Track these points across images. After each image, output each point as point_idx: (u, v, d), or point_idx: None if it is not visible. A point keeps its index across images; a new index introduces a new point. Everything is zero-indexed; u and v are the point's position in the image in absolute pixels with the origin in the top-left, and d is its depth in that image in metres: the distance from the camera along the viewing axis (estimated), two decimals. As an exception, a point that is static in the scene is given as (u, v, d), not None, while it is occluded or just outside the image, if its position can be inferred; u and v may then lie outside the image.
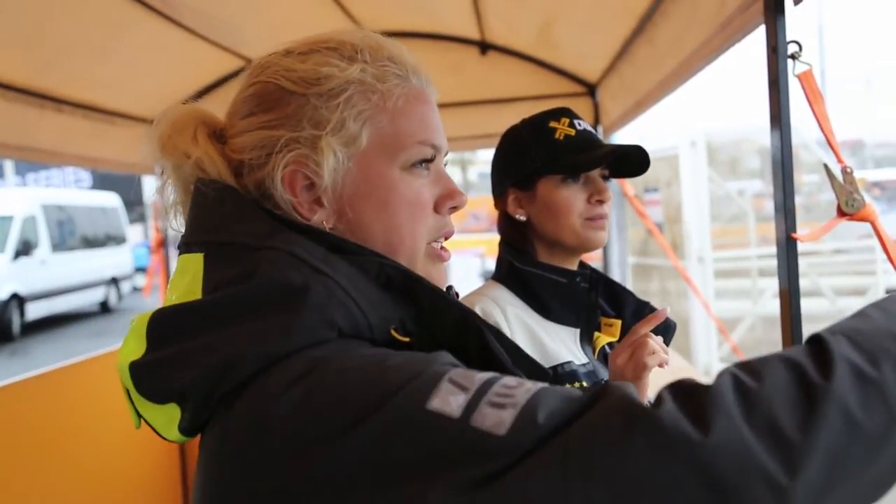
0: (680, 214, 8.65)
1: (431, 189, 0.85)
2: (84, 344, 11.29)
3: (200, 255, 0.77)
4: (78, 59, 2.83)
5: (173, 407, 0.72)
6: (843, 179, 1.59)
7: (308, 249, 0.74)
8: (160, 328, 0.74)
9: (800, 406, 0.56)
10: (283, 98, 0.82)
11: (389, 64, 0.83)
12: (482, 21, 3.25)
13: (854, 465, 0.56)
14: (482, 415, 0.59)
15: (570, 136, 1.46)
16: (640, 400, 0.58)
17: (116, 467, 3.31)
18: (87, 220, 15.69)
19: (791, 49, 1.56)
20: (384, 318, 0.75)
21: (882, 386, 0.57)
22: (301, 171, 0.80)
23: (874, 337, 0.60)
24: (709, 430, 0.54)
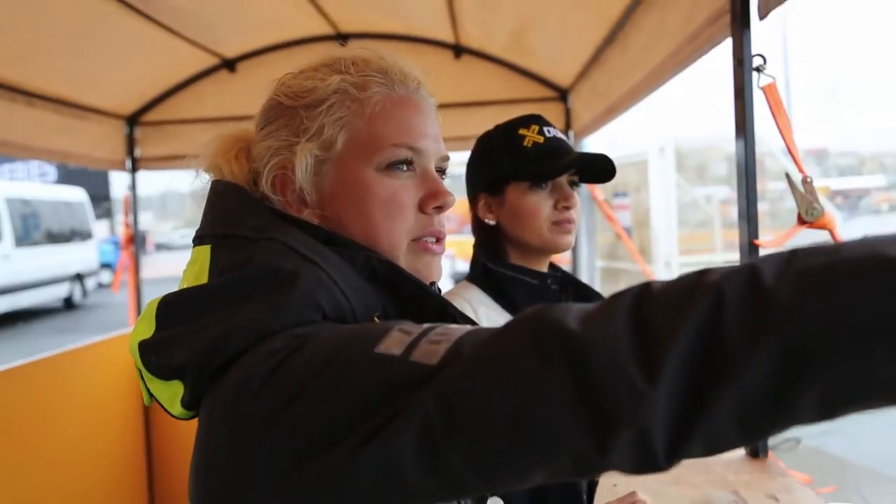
0: (648, 219, 8.76)
1: (414, 189, 0.89)
2: (47, 340, 11.12)
3: (209, 247, 0.84)
4: (51, 53, 2.81)
5: (177, 384, 0.79)
6: (804, 189, 1.64)
7: (301, 241, 0.80)
8: (167, 310, 0.80)
9: (676, 306, 0.55)
10: (280, 111, 0.90)
11: (373, 74, 0.88)
12: (457, 25, 3.28)
13: (714, 380, 0.53)
14: (420, 350, 0.64)
15: (539, 143, 1.50)
16: (547, 314, 0.60)
17: (84, 459, 3.29)
18: (51, 214, 15.42)
19: (756, 62, 1.62)
20: (367, 305, 0.81)
21: (770, 297, 0.52)
22: (286, 174, 0.88)
23: (807, 259, 0.54)
24: (590, 327, 0.57)
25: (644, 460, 0.55)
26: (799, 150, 1.69)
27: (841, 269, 0.51)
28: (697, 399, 0.53)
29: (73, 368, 3.32)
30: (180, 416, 0.83)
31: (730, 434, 0.54)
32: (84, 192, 16.94)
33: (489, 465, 0.60)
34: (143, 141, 3.78)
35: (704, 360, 0.53)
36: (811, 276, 0.52)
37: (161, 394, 0.81)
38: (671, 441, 0.54)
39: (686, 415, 0.53)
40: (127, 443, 3.70)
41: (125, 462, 3.67)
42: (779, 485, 1.63)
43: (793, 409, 0.52)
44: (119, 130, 3.69)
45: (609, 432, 0.54)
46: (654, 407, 0.53)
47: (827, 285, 0.51)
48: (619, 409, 0.54)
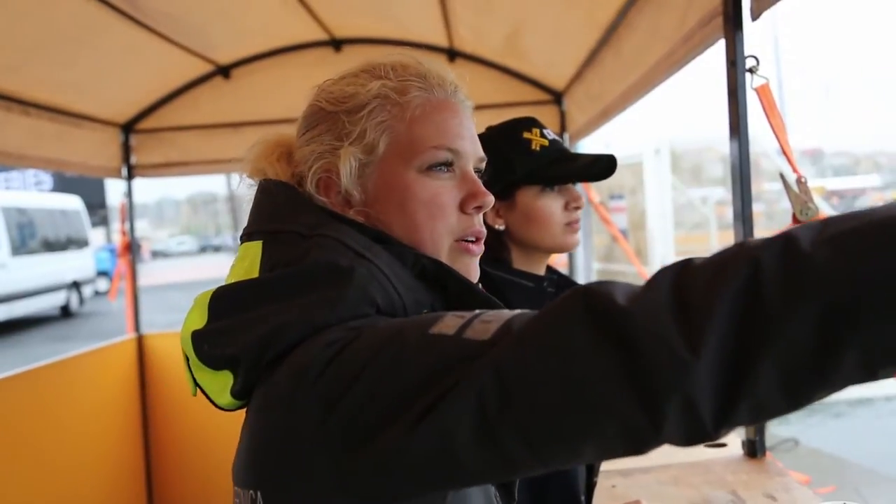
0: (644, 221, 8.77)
1: (455, 191, 0.92)
2: (44, 349, 11.10)
3: (259, 243, 0.87)
4: (46, 61, 2.81)
5: (226, 374, 0.81)
6: (798, 189, 1.65)
7: (354, 238, 0.84)
8: (220, 302, 0.82)
9: (715, 276, 0.57)
10: (322, 117, 0.92)
11: (412, 79, 0.91)
12: (451, 29, 3.29)
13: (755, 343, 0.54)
14: (473, 329, 0.67)
15: (545, 146, 1.51)
16: (596, 290, 0.62)
17: (83, 465, 3.29)
18: (48, 223, 15.40)
19: (749, 63, 1.62)
20: (417, 301, 0.84)
21: (806, 262, 0.54)
22: (330, 177, 0.90)
23: (841, 224, 0.55)
24: (636, 301, 0.59)
25: (693, 429, 0.56)
26: (793, 150, 1.70)
27: (873, 232, 0.53)
28: (741, 365, 0.54)
29: (70, 376, 3.32)
30: (227, 406, 0.85)
31: (775, 399, 0.55)
32: (80, 200, 16.91)
33: (541, 436, 0.61)
34: (138, 148, 3.79)
35: (745, 327, 0.54)
36: (846, 239, 0.53)
37: (209, 384, 0.84)
38: (718, 408, 0.55)
39: (731, 381, 0.55)
40: (125, 449, 3.69)
41: (124, 468, 3.67)
42: (777, 484, 1.63)
43: (835, 371, 0.53)
44: (115, 138, 3.69)
45: (656, 401, 0.56)
46: (699, 375, 0.54)
47: (861, 247, 0.53)
48: (664, 378, 0.56)
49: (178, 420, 3.79)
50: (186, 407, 3.70)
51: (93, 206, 21.84)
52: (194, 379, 0.86)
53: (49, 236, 15.33)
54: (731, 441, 1.87)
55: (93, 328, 13.96)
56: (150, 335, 3.88)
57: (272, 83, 3.58)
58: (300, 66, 3.54)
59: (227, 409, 0.86)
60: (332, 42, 3.52)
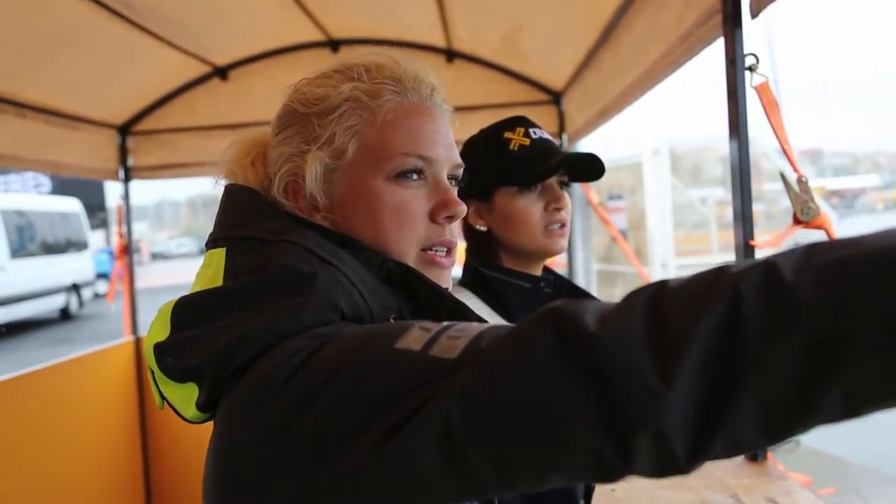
0: (643, 221, 8.76)
1: (425, 199, 0.89)
2: (44, 351, 11.08)
3: (223, 249, 0.84)
4: (41, 63, 2.80)
5: (191, 386, 0.78)
6: (799, 188, 1.63)
7: (317, 243, 0.81)
8: (183, 312, 0.80)
9: (692, 305, 0.54)
10: (293, 118, 0.90)
11: (386, 81, 0.88)
12: (449, 30, 3.27)
13: (730, 376, 0.52)
14: (440, 345, 0.64)
15: (525, 145, 1.47)
16: (566, 312, 0.59)
17: (82, 468, 3.27)
18: (47, 225, 15.39)
19: (748, 61, 1.61)
20: (384, 306, 0.81)
21: (789, 294, 0.51)
22: (297, 181, 0.88)
23: (827, 253, 0.52)
24: (607, 326, 0.56)
25: (665, 463, 0.54)
26: (793, 150, 1.68)
27: (862, 263, 0.49)
28: (716, 401, 0.52)
29: (70, 378, 3.31)
30: (193, 419, 0.82)
31: (752, 435, 0.53)
32: (79, 202, 16.91)
33: (508, 462, 0.59)
34: (135, 150, 3.77)
35: (722, 361, 0.51)
36: (831, 270, 0.50)
37: (175, 396, 0.82)
38: (692, 444, 0.53)
39: (706, 416, 0.52)
40: (124, 451, 3.68)
41: (122, 471, 3.65)
42: (778, 488, 1.61)
43: (817, 409, 0.51)
44: (111, 140, 3.68)
45: (626, 434, 0.53)
46: (671, 408, 0.52)
47: (848, 279, 0.49)
48: (635, 409, 0.53)
49: (176, 422, 3.74)
50: (184, 410, 3.67)
51: (92, 209, 21.84)
52: (160, 392, 0.83)
53: (48, 239, 15.32)
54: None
55: (93, 331, 13.94)
56: (148, 338, 3.86)
57: (270, 84, 3.55)
58: (298, 67, 3.51)
59: (193, 422, 0.83)
60: (330, 43, 3.51)
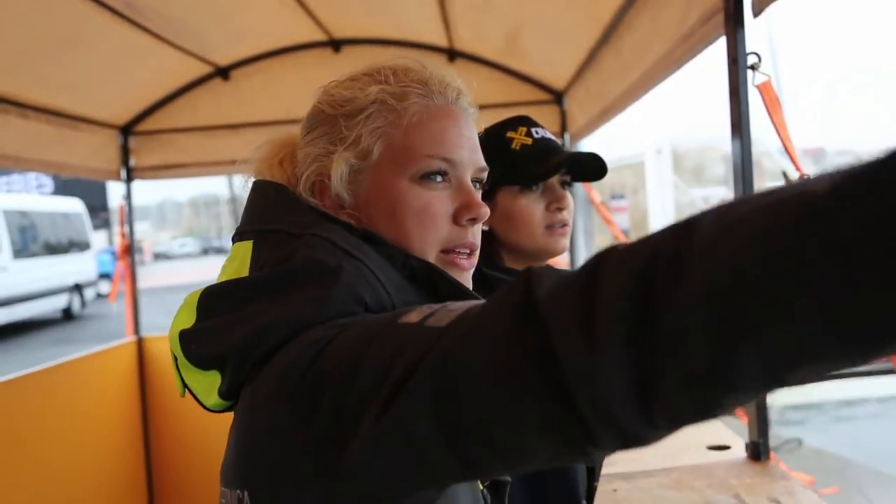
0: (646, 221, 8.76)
1: (449, 201, 0.90)
2: (46, 352, 11.10)
3: (250, 242, 0.87)
4: (42, 63, 2.80)
5: (214, 374, 0.81)
6: (801, 187, 1.63)
7: (343, 237, 0.83)
8: (209, 301, 0.83)
9: (617, 269, 0.53)
10: (321, 119, 0.92)
11: (413, 84, 0.90)
12: (450, 29, 3.27)
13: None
14: (436, 317, 0.66)
15: (527, 145, 1.47)
16: (531, 279, 0.59)
17: (85, 468, 3.27)
18: (49, 225, 15.40)
19: (751, 60, 1.60)
20: (406, 301, 0.82)
21: (695, 250, 0.49)
22: (323, 181, 0.90)
23: (744, 204, 0.49)
24: (552, 294, 0.57)
25: (615, 432, 0.53)
26: (796, 149, 1.68)
27: (762, 214, 0.46)
28: (641, 365, 0.50)
29: (72, 379, 3.31)
30: (214, 406, 0.85)
31: (684, 402, 0.50)
32: (81, 202, 16.92)
33: (484, 429, 0.59)
34: (137, 150, 3.77)
35: (640, 321, 0.49)
36: (735, 222, 0.47)
37: (197, 384, 0.84)
38: (631, 410, 0.51)
39: (636, 381, 0.50)
40: (127, 452, 3.68)
41: (125, 471, 3.65)
42: (781, 488, 1.61)
43: (735, 375, 0.47)
44: (113, 140, 3.68)
45: (569, 399, 0.53)
46: (600, 374, 0.51)
47: (744, 232, 0.46)
48: (569, 376, 0.52)
49: (179, 423, 3.78)
50: (187, 409, 3.66)
51: (94, 209, 21.88)
52: (182, 380, 0.86)
53: (51, 239, 15.34)
54: (734, 444, 1.85)
55: (95, 331, 13.96)
56: (150, 338, 3.87)
57: (271, 84, 3.57)
58: (299, 66, 3.53)
59: (214, 410, 0.86)
60: (331, 42, 3.51)
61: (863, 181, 0.42)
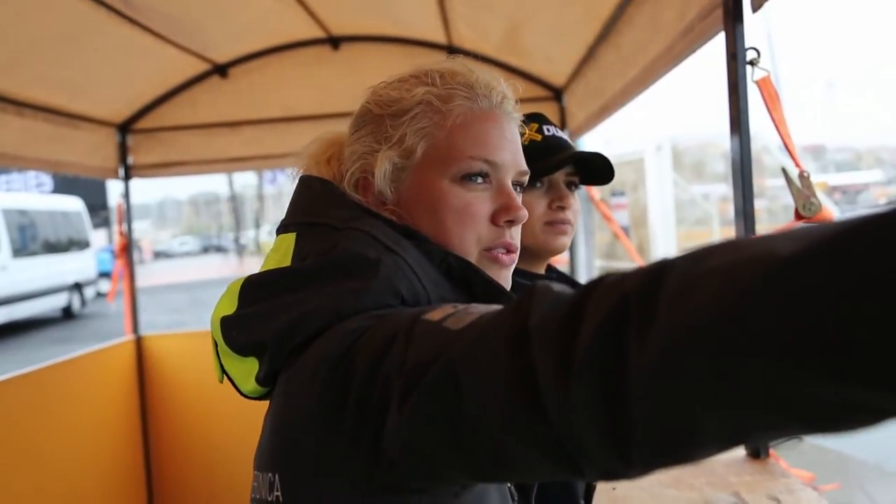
0: (646, 218, 8.75)
1: (489, 202, 0.92)
2: (46, 351, 11.10)
3: (293, 234, 0.90)
4: (40, 61, 2.79)
5: (252, 360, 0.84)
6: (801, 183, 1.62)
7: (383, 232, 0.86)
8: (251, 289, 0.86)
9: (596, 308, 0.52)
10: (369, 119, 0.95)
11: (458, 87, 0.92)
12: (449, 26, 3.26)
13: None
14: (455, 318, 0.68)
15: (536, 141, 1.47)
16: (534, 300, 0.59)
17: (84, 467, 3.27)
18: (49, 224, 15.39)
19: (750, 55, 1.60)
20: (442, 297, 0.85)
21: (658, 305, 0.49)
22: (367, 178, 0.93)
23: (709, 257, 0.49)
24: (543, 319, 0.57)
25: (594, 466, 0.54)
26: (796, 145, 1.67)
27: (732, 270, 0.45)
28: (611, 409, 0.49)
29: (68, 378, 3.30)
30: (251, 393, 0.88)
31: (651, 450, 0.50)
32: (81, 201, 16.91)
33: (483, 433, 0.60)
34: (135, 149, 3.77)
35: (611, 368, 0.49)
36: (703, 272, 0.46)
37: (235, 370, 0.87)
38: (603, 449, 0.52)
39: (607, 424, 0.50)
40: (126, 450, 3.68)
41: (124, 470, 3.65)
42: (781, 486, 1.60)
43: (696, 431, 0.47)
44: (111, 138, 3.67)
45: (551, 428, 0.54)
46: (575, 410, 0.51)
47: (707, 287, 0.45)
48: (550, 406, 0.53)
49: (178, 421, 3.77)
50: (186, 408, 3.68)
51: (94, 208, 21.87)
52: (222, 366, 0.89)
53: (50, 238, 15.33)
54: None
55: (95, 330, 13.96)
56: (149, 336, 3.86)
57: (270, 82, 3.56)
58: (298, 64, 3.52)
59: (250, 396, 0.89)
60: (330, 40, 3.50)
61: (825, 253, 0.40)
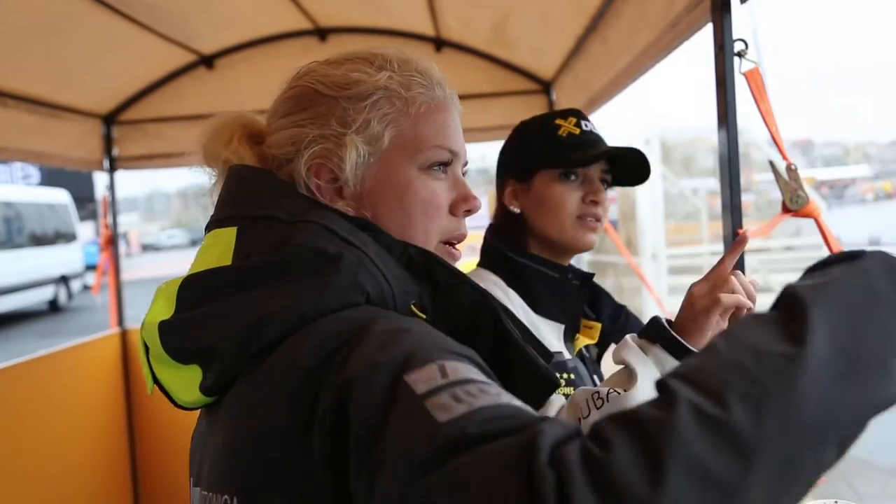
0: (634, 212, 8.76)
1: (448, 192, 0.91)
2: (32, 344, 11.02)
3: (233, 229, 0.83)
4: (22, 51, 2.76)
5: (194, 368, 0.77)
6: (788, 176, 1.62)
7: (340, 225, 0.80)
8: (192, 290, 0.79)
9: (641, 463, 0.48)
10: (316, 100, 0.89)
11: (416, 75, 0.90)
12: (437, 18, 3.24)
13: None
14: (439, 400, 0.59)
15: (574, 134, 1.47)
16: (547, 442, 0.52)
17: (68, 460, 3.25)
18: (35, 217, 15.29)
19: (737, 47, 1.59)
20: (406, 291, 0.81)
21: (729, 425, 0.49)
22: (326, 164, 0.87)
23: (718, 372, 0.53)
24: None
25: None
26: (784, 140, 1.66)
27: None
28: None
29: (56, 371, 3.28)
30: (191, 403, 0.80)
31: None
32: (67, 193, 16.80)
33: None
34: (120, 140, 3.73)
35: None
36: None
37: (173, 379, 0.80)
38: None
39: None
40: (110, 444, 3.65)
41: (109, 462, 3.63)
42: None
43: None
44: (96, 130, 3.64)
45: None
46: None
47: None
48: None
49: (163, 415, 3.74)
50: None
51: (81, 200, 21.73)
52: (154, 375, 0.81)
53: (36, 230, 15.23)
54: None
55: (81, 323, 13.88)
56: (135, 330, 3.83)
57: (257, 73, 3.53)
58: (285, 55, 3.48)
59: (189, 407, 0.81)
60: (317, 31, 3.47)
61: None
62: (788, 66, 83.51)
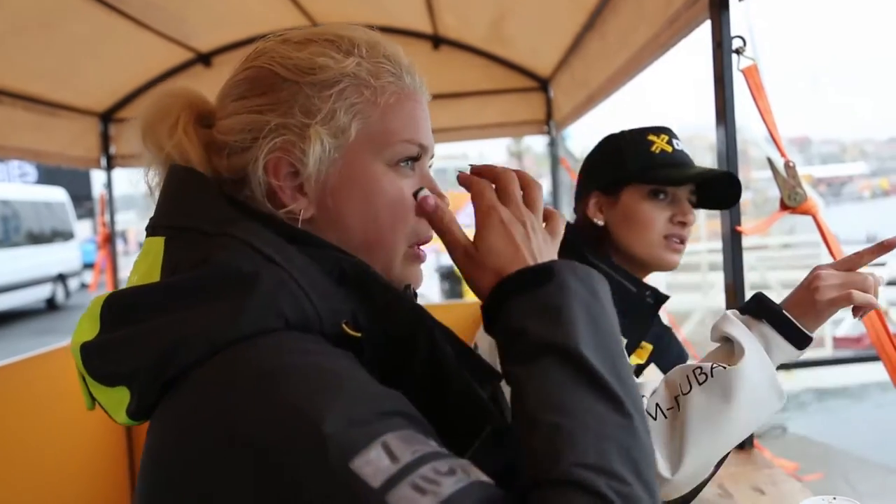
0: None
1: (413, 189, 0.83)
2: (29, 342, 11.01)
3: (162, 239, 0.77)
4: (19, 49, 2.75)
5: (122, 390, 0.71)
6: (786, 173, 1.62)
7: (263, 239, 0.74)
8: (114, 310, 0.73)
9: None
10: (276, 84, 0.80)
11: (385, 61, 0.82)
12: (435, 16, 3.24)
13: None
14: (400, 494, 0.56)
15: (667, 152, 1.46)
16: None
17: (65, 459, 3.24)
18: (32, 215, 15.27)
19: (735, 44, 1.59)
20: (335, 310, 0.74)
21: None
22: (286, 157, 0.79)
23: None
24: None
25: None
26: (781, 136, 1.66)
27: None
28: None
29: (49, 370, 3.27)
30: (125, 423, 0.76)
31: None
32: (65, 192, 16.78)
33: None
34: (118, 138, 3.72)
35: None
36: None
37: (105, 399, 0.74)
38: None
39: None
40: (109, 442, 3.65)
41: (106, 460, 3.62)
42: (764, 477, 1.60)
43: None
44: (93, 128, 3.63)
45: None
46: None
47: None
48: None
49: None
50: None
51: (79, 198, 21.68)
52: (90, 392, 0.76)
53: (34, 229, 15.21)
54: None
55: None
56: (133, 328, 3.82)
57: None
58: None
59: (127, 425, 0.76)
60: (315, 28, 3.47)
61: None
62: (786, 63, 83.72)
